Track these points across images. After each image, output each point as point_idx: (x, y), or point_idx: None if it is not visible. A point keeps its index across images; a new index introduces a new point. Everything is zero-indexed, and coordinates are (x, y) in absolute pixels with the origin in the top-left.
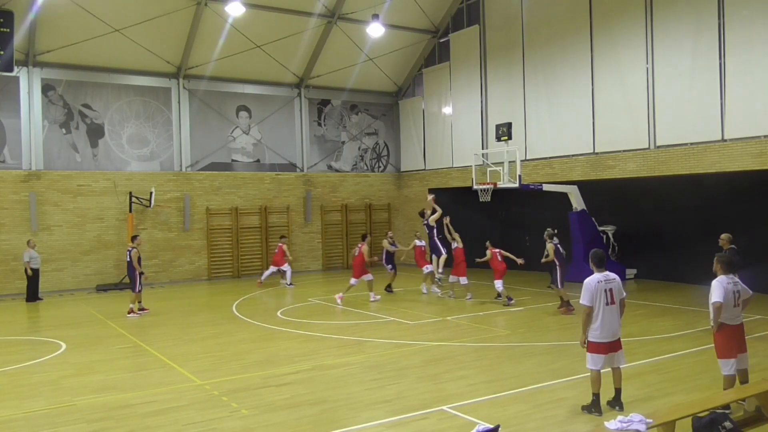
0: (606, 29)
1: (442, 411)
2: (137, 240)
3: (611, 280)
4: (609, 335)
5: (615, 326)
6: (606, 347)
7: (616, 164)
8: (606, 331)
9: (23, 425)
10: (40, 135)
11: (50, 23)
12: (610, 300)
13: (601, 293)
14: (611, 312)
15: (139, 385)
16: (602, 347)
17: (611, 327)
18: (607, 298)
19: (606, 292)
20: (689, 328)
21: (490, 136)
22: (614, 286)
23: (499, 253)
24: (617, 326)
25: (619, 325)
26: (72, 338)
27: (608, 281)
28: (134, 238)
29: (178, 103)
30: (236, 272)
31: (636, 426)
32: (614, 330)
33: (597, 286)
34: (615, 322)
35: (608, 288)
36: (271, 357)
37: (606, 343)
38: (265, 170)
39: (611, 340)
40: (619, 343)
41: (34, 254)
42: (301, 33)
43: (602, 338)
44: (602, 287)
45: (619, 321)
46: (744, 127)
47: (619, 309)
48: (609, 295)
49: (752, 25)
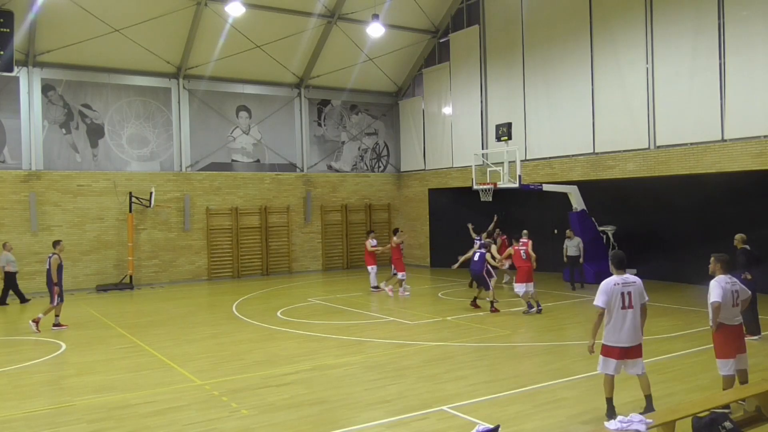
0: (606, 29)
1: (441, 411)
2: (59, 245)
3: (630, 283)
4: (624, 340)
5: (632, 332)
6: (619, 352)
7: (616, 164)
8: (620, 336)
9: (23, 425)
10: (40, 135)
11: (50, 23)
12: (628, 303)
13: (617, 296)
14: (627, 316)
15: (139, 385)
16: (615, 352)
17: (627, 332)
18: (624, 301)
19: (623, 295)
20: (689, 328)
21: (490, 136)
22: (633, 289)
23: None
24: (635, 332)
25: (639, 331)
26: (72, 338)
27: (626, 284)
28: (56, 243)
29: (178, 103)
30: (236, 272)
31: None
32: (631, 335)
33: (613, 288)
34: (632, 328)
35: (626, 291)
36: (271, 357)
37: (620, 348)
38: (265, 170)
39: (627, 346)
40: (637, 351)
41: (10, 257)
42: (301, 33)
43: (615, 342)
44: (619, 290)
45: (639, 326)
46: (744, 127)
47: (639, 314)
48: (627, 299)
49: (752, 26)
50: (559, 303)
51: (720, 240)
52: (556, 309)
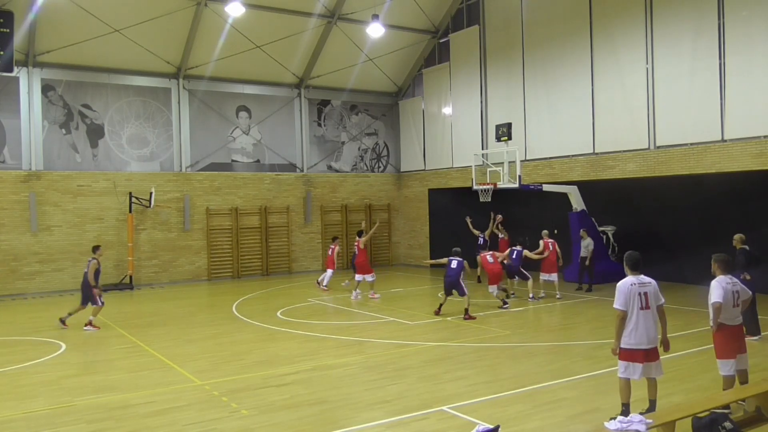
0: (606, 29)
1: (441, 411)
2: (99, 251)
3: (646, 284)
4: (645, 342)
5: (652, 333)
6: (643, 355)
7: (616, 164)
8: (641, 337)
9: (23, 426)
10: (40, 135)
11: (50, 23)
12: (645, 304)
13: (635, 297)
14: (646, 317)
15: (138, 386)
16: (638, 355)
17: (647, 333)
18: (642, 302)
19: (640, 296)
20: (689, 328)
21: (490, 137)
22: (650, 290)
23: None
24: (654, 333)
25: (657, 332)
26: (72, 338)
27: (642, 284)
28: (96, 248)
29: (177, 103)
30: (236, 273)
31: (636, 426)
32: (651, 336)
33: (630, 289)
34: (651, 329)
35: (642, 291)
36: (271, 357)
37: (643, 350)
38: (265, 170)
39: (648, 348)
40: (655, 353)
41: None
42: (300, 33)
43: (637, 345)
44: (636, 290)
45: (657, 328)
46: (744, 127)
47: (655, 314)
48: (644, 299)
49: (752, 26)
50: (560, 303)
51: (720, 240)
52: (556, 308)
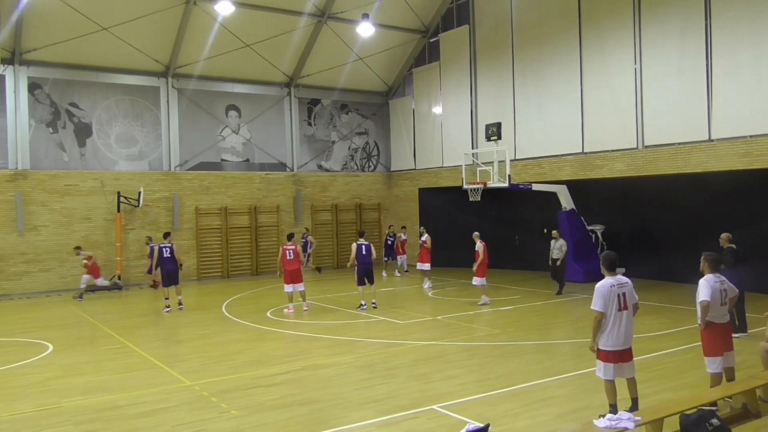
0: (594, 30)
1: (432, 410)
2: (170, 236)
3: (624, 284)
4: (620, 343)
5: (627, 333)
6: (616, 356)
7: (605, 164)
8: (617, 339)
9: (9, 428)
10: (27, 134)
11: (37, 21)
12: (623, 305)
13: (614, 298)
14: (624, 318)
15: (127, 387)
16: (612, 356)
17: (623, 334)
18: (620, 303)
19: (619, 297)
20: (677, 326)
21: (479, 136)
22: (627, 290)
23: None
24: (629, 333)
25: (631, 332)
26: (59, 339)
27: (621, 285)
28: (167, 234)
29: (166, 102)
30: (226, 272)
31: (624, 423)
32: (626, 337)
33: (610, 290)
34: (627, 329)
35: (621, 292)
36: (260, 357)
37: (616, 351)
38: (255, 170)
39: (621, 349)
40: (629, 353)
41: None
42: (290, 32)
43: (612, 346)
44: (615, 292)
45: (632, 327)
46: (730, 127)
47: (631, 314)
48: (622, 300)
49: (738, 27)
50: (547, 302)
51: (707, 239)
52: (544, 308)
